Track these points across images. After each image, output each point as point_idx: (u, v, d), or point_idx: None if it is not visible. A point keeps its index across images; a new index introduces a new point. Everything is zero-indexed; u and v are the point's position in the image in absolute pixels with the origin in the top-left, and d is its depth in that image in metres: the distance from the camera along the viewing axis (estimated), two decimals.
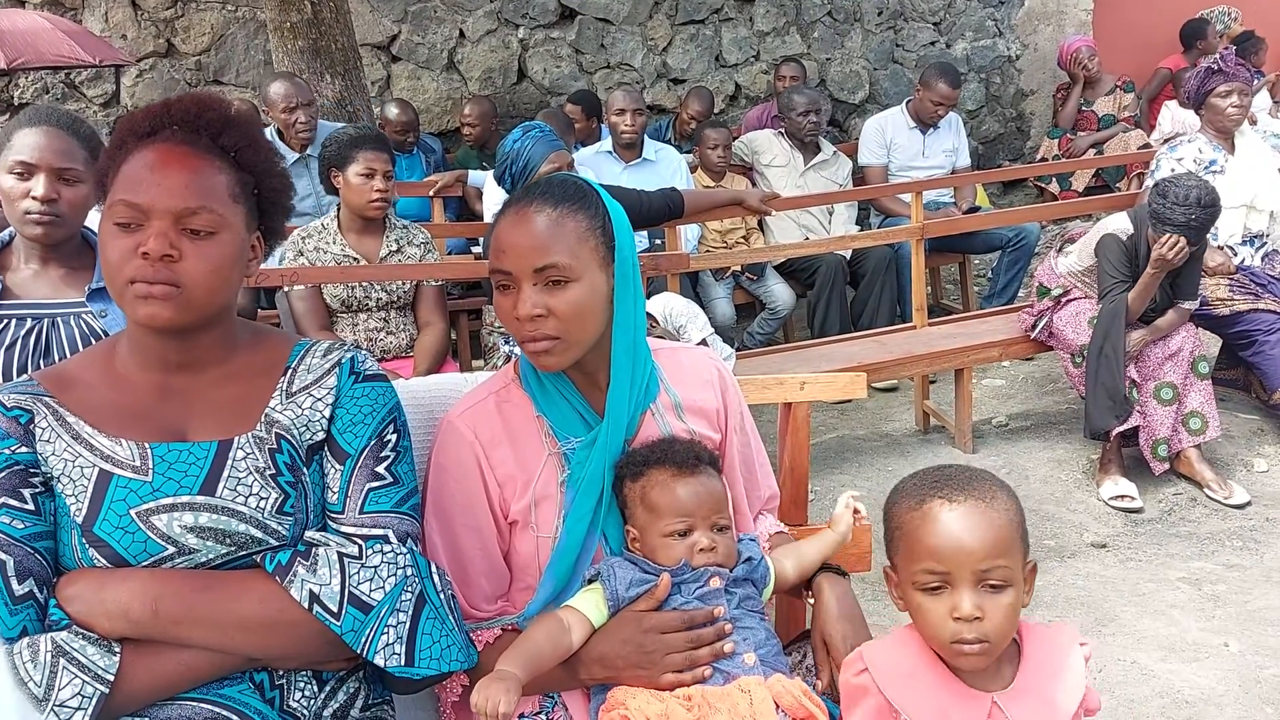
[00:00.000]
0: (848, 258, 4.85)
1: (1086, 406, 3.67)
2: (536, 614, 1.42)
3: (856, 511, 1.56)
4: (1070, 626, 1.30)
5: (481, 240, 1.43)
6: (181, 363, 1.36)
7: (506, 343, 3.39)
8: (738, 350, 4.18)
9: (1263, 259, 4.12)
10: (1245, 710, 2.52)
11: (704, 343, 3.41)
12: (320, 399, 1.40)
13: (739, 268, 4.77)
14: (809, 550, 1.54)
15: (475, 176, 4.71)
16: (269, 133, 4.25)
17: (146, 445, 1.31)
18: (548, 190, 1.43)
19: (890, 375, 4.23)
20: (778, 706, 1.29)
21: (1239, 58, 5.47)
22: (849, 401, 4.40)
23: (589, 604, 1.37)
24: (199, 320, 1.32)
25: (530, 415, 1.50)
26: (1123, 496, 3.58)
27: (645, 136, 4.75)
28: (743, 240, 4.93)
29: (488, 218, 4.21)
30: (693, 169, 4.88)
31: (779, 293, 4.82)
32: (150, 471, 1.29)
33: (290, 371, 1.42)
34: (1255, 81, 6.78)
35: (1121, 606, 3.01)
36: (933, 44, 6.39)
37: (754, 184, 5.02)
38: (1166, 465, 3.64)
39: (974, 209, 5.15)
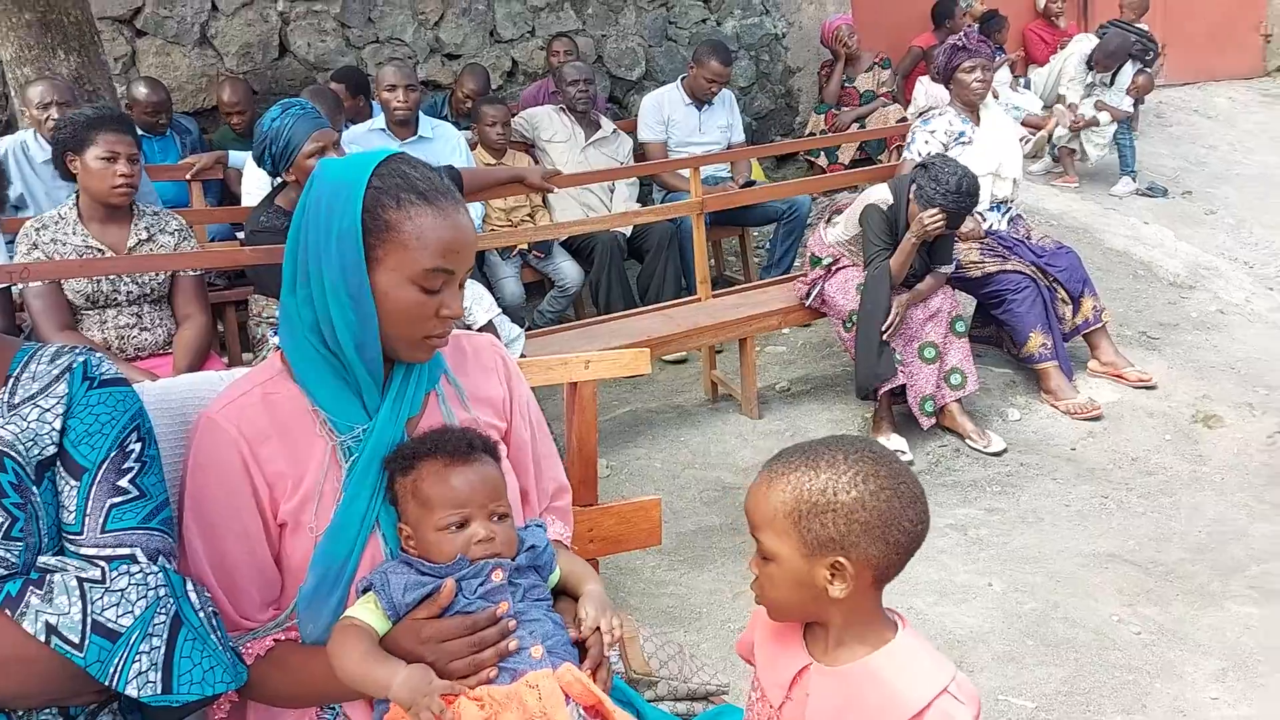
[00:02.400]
0: (629, 234, 4.89)
1: (856, 368, 3.86)
2: (305, 613, 1.34)
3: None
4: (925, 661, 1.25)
5: (360, 229, 1.29)
6: None
7: (275, 334, 3.20)
8: (528, 329, 4.13)
9: (1009, 223, 4.45)
10: (1009, 644, 2.72)
11: (491, 324, 3.35)
12: (49, 410, 1.25)
13: (525, 246, 4.72)
14: (578, 567, 1.52)
15: (235, 157, 4.42)
16: (29, 133, 3.87)
17: None
18: (447, 186, 1.38)
19: (678, 347, 4.31)
20: (568, 697, 1.26)
21: (982, 35, 5.87)
22: (640, 375, 4.45)
23: (369, 614, 1.29)
24: None
25: (303, 408, 1.39)
26: (895, 452, 3.78)
27: (421, 113, 4.59)
28: (528, 218, 4.87)
29: (248, 200, 3.95)
30: (472, 146, 4.77)
31: (567, 270, 4.80)
32: None
33: (12, 381, 1.26)
34: (997, 58, 7.31)
35: None
36: (704, 21, 6.52)
37: (536, 161, 4.96)
38: (932, 419, 3.88)
39: (750, 183, 5.30)
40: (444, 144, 4.51)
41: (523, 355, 3.40)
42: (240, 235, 3.95)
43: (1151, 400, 4.11)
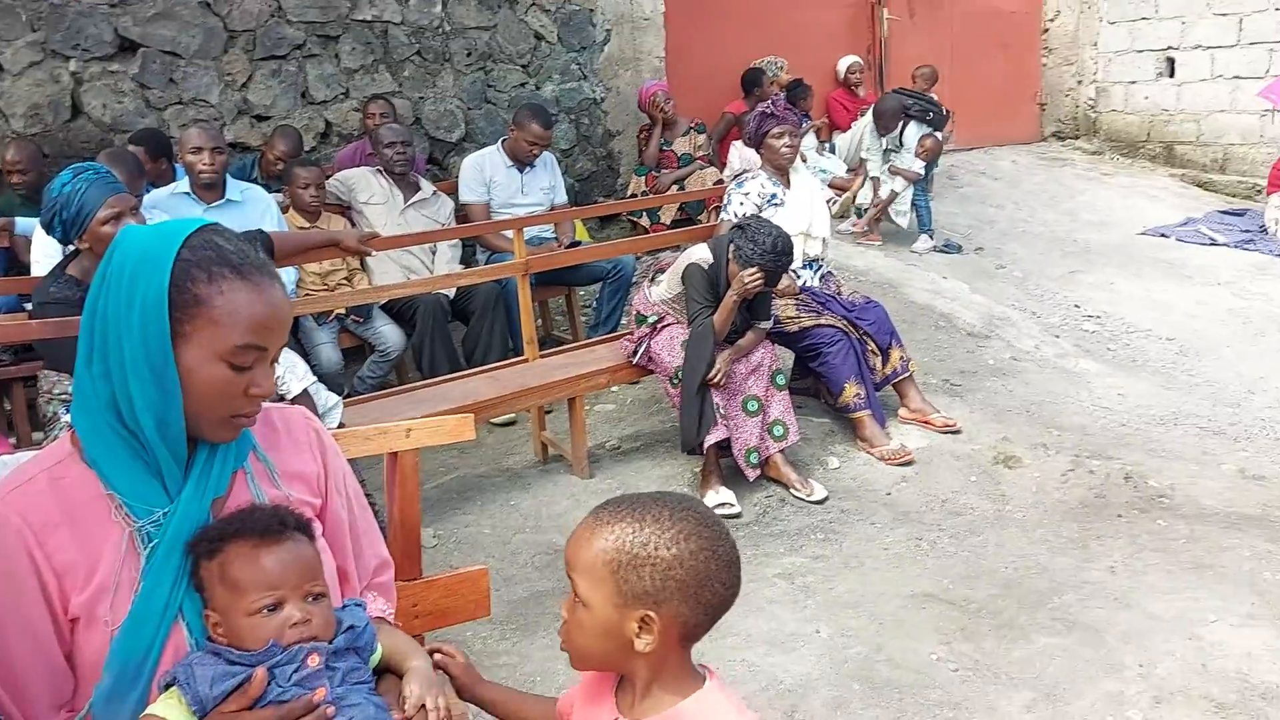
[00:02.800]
0: (452, 296, 4.83)
1: (682, 423, 3.92)
2: (103, 713, 1.24)
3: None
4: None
5: (176, 306, 1.22)
6: None
7: (67, 411, 2.97)
8: (347, 397, 4.00)
9: (821, 280, 4.65)
10: (837, 689, 2.78)
11: (305, 393, 3.22)
12: None
13: (343, 310, 4.59)
14: (401, 643, 1.47)
15: (23, 224, 4.13)
16: None
17: None
18: (261, 260, 1.32)
19: (507, 409, 4.26)
20: None
21: (789, 103, 6.17)
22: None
23: (172, 711, 1.20)
24: None
25: (96, 492, 1.29)
26: (723, 504, 3.85)
27: (228, 176, 4.42)
28: (345, 282, 4.75)
29: (37, 270, 3.69)
30: (284, 209, 4.62)
31: (388, 334, 4.69)
32: None
33: None
34: (804, 124, 7.70)
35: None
36: (523, 85, 6.59)
37: (353, 223, 4.85)
38: (758, 471, 3.97)
39: (575, 243, 5.35)
40: (254, 208, 4.34)
41: (341, 424, 3.28)
42: (29, 307, 3.66)
43: (957, 444, 4.35)
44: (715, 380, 3.85)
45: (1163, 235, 7.75)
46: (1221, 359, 5.51)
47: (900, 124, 6.87)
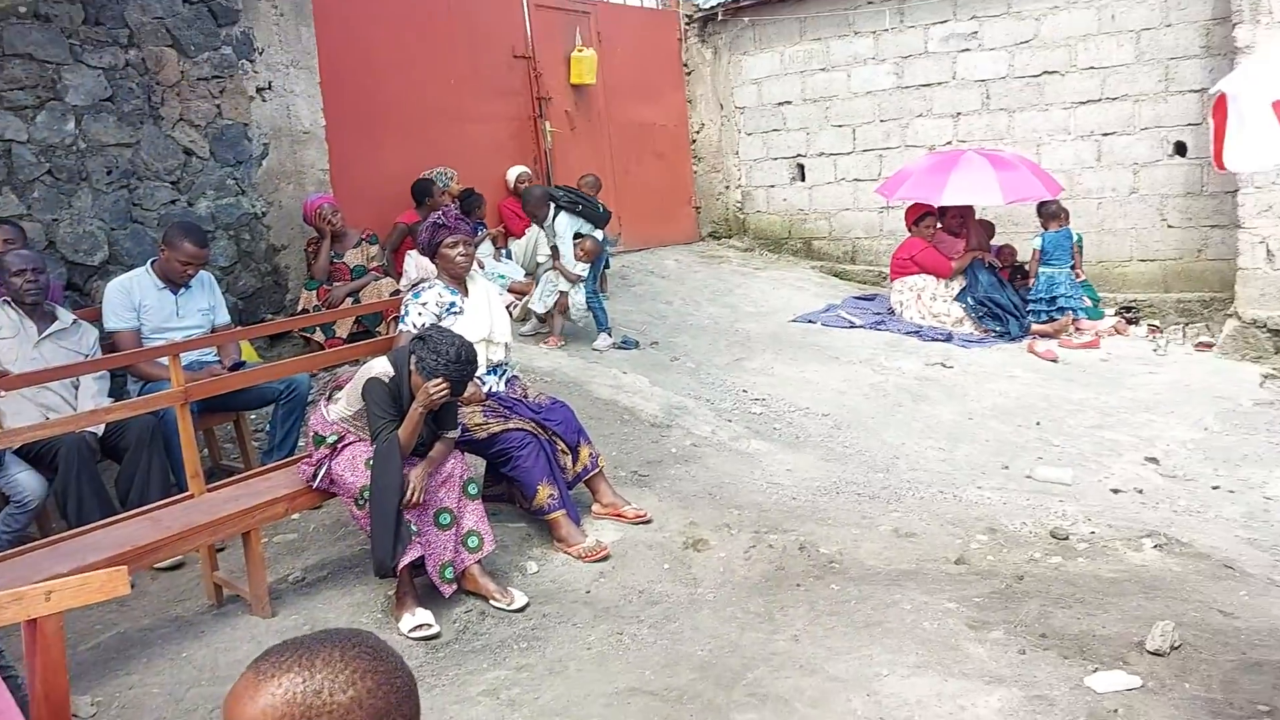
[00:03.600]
0: (100, 433, 4.37)
1: (372, 546, 3.75)
2: None
3: None
4: None
5: None
6: None
7: None
8: None
9: (506, 384, 4.67)
10: None
11: None
12: None
13: None
14: None
15: None
16: None
17: None
18: None
19: (171, 553, 3.87)
20: None
21: (462, 212, 6.24)
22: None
23: None
24: None
25: None
26: (421, 626, 3.70)
27: None
28: None
29: None
30: None
31: (24, 481, 4.15)
32: None
33: None
34: (479, 232, 7.83)
35: None
36: (173, 203, 6.20)
37: None
38: (454, 586, 3.86)
39: (240, 365, 5.04)
40: None
41: None
42: None
43: (649, 534, 4.47)
44: (415, 500, 3.74)
45: (810, 321, 8.55)
46: (868, 429, 6.10)
47: (549, 212, 7.09)
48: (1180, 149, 8.62)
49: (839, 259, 10.78)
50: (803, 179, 10.96)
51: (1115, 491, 5.15)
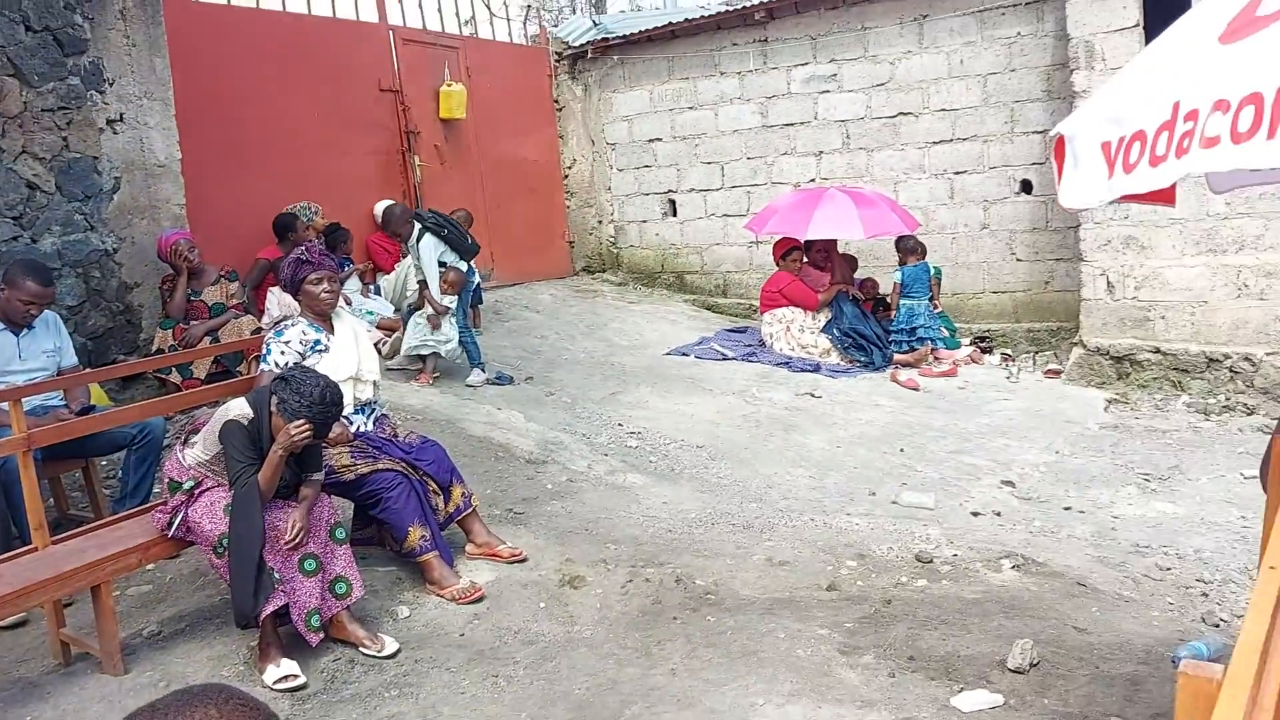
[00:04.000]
0: None
1: (233, 595, 3.59)
2: None
3: None
4: None
5: None
6: None
7: None
8: None
9: (375, 423, 4.56)
10: None
11: None
12: None
13: None
14: None
15: None
16: None
17: None
18: None
19: (13, 611, 3.62)
20: None
21: (327, 247, 6.10)
22: None
23: None
24: None
25: None
26: (286, 677, 3.55)
27: None
28: None
29: None
30: None
31: None
32: None
33: None
34: (346, 268, 7.66)
35: None
36: (15, 239, 5.85)
37: None
38: (321, 634, 3.72)
39: (89, 409, 4.77)
40: None
41: None
42: None
43: (525, 572, 4.41)
44: (296, 542, 3.60)
45: (684, 354, 8.65)
46: (742, 460, 6.19)
47: (414, 230, 6.99)
48: (1026, 187, 9.10)
49: (711, 292, 10.97)
50: (674, 214, 11.13)
51: (975, 514, 5.36)
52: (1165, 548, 4.80)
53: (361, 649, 3.77)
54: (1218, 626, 3.89)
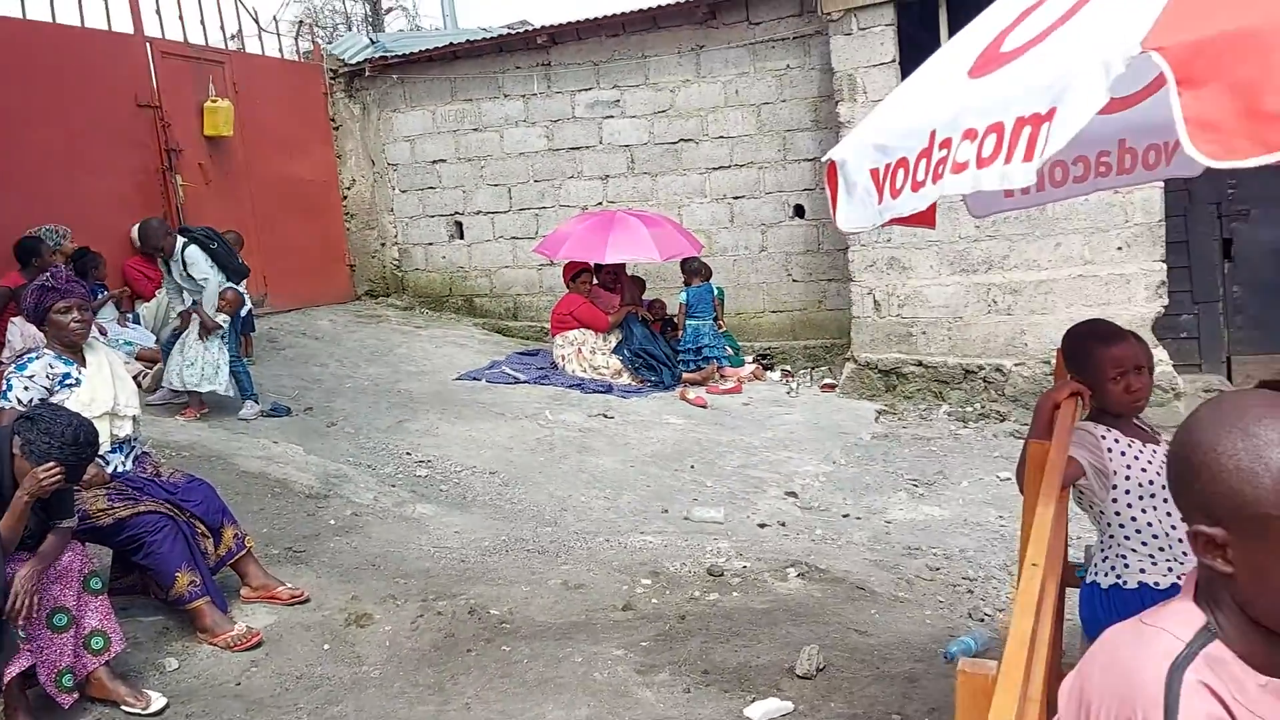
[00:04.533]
0: None
1: None
2: None
3: None
4: None
5: None
6: None
7: None
8: None
9: (135, 462, 4.21)
10: None
11: None
12: None
13: None
14: None
15: None
16: None
17: None
18: None
19: None
20: None
21: (76, 274, 5.61)
22: None
23: None
24: None
25: None
26: None
27: None
28: None
29: None
30: None
31: None
32: None
33: None
34: (100, 295, 7.08)
35: None
36: None
37: None
38: (76, 695, 3.38)
39: None
40: None
41: None
42: None
43: (307, 614, 4.18)
44: (21, 612, 3.23)
45: (474, 379, 8.52)
46: (536, 484, 6.14)
47: (176, 243, 6.53)
48: (799, 211, 9.56)
49: (501, 316, 10.87)
50: (461, 237, 10.97)
51: (762, 526, 5.53)
52: (934, 549, 5.11)
53: (124, 707, 3.45)
54: (983, 621, 4.16)
